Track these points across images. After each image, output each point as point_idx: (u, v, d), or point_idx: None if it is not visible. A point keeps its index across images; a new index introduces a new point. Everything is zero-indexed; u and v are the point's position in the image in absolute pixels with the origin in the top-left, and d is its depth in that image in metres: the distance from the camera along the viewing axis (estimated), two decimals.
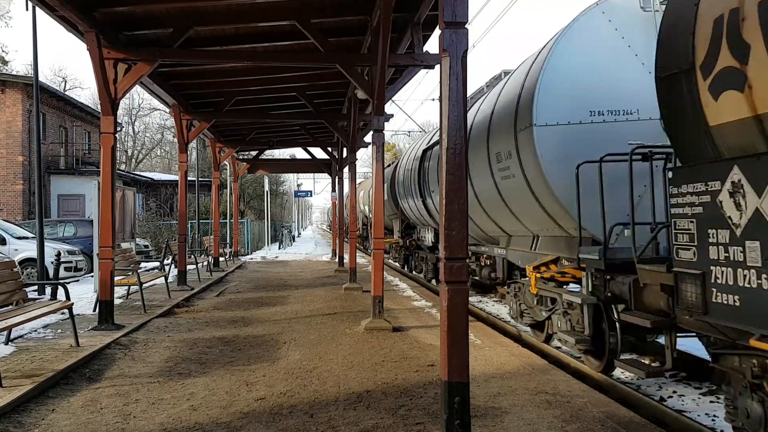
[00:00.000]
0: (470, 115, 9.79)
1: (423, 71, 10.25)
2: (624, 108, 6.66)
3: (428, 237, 15.21)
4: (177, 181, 18.87)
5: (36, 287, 12.26)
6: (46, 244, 12.70)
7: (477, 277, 11.95)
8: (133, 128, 54.25)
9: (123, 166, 45.03)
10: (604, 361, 6.60)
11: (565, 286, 7.67)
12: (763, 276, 3.61)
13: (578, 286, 7.44)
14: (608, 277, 6.29)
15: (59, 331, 8.13)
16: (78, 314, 8.72)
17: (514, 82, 8.09)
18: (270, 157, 33.36)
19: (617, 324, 6.12)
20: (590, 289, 6.60)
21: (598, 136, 6.58)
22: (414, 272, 18.81)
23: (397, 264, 21.84)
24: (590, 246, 6.56)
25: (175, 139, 17.90)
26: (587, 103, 6.69)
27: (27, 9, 11.36)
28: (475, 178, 9.23)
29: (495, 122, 8.30)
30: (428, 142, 14.30)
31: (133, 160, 52.22)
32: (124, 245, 12.82)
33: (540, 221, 7.66)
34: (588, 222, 6.40)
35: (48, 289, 11.79)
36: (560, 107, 6.70)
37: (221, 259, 19.70)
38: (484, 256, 11.10)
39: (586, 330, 6.62)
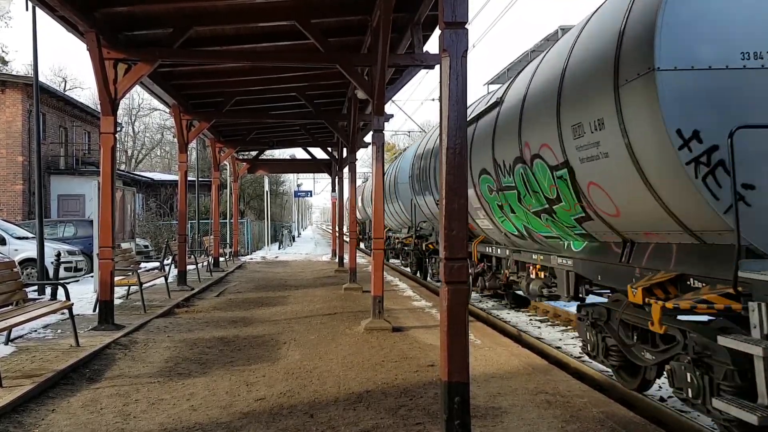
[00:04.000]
0: (518, 87, 8.00)
1: (423, 71, 10.25)
2: None
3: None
4: (177, 181, 18.86)
5: (36, 287, 12.25)
6: (46, 244, 12.70)
7: (522, 292, 9.86)
8: (133, 128, 54.28)
9: (123, 166, 45.01)
10: None
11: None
12: None
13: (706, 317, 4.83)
14: None
15: (59, 331, 8.13)
16: (78, 314, 8.71)
17: (607, 17, 5.63)
18: (270, 157, 33.34)
19: None
20: (766, 332, 4.02)
21: (754, 87, 4.42)
22: (430, 279, 16.17)
23: (408, 270, 19.16)
24: (755, 259, 4.28)
25: (175, 139, 17.89)
26: (737, 41, 4.46)
27: (27, 9, 11.35)
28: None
29: (571, 82, 5.93)
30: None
31: (133, 160, 52.21)
32: (124, 245, 12.81)
33: (647, 220, 5.33)
34: (747, 221, 4.21)
35: (48, 289, 11.78)
36: (698, 43, 4.45)
37: (221, 259, 19.70)
38: (537, 266, 8.53)
39: (761, 397, 3.97)
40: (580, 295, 7.27)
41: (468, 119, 8.10)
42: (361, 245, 32.58)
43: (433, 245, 14.90)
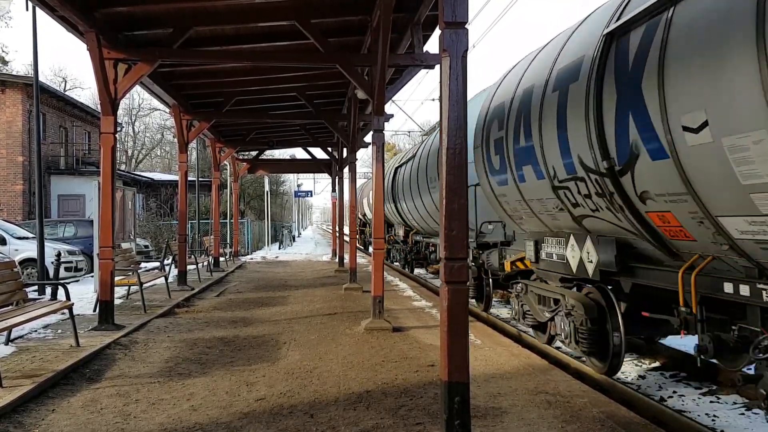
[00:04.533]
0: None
1: (423, 71, 10.25)
2: None
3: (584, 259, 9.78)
4: (177, 181, 18.87)
5: (36, 287, 12.26)
6: (46, 244, 12.70)
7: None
8: (133, 128, 54.30)
9: (123, 166, 45.03)
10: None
11: None
12: None
13: None
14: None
15: (59, 331, 8.13)
16: (78, 314, 8.71)
17: None
18: (270, 157, 33.36)
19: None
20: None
21: None
22: (519, 323, 15.27)
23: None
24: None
25: (175, 139, 17.90)
26: None
27: (27, 9, 11.36)
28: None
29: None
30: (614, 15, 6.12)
31: (133, 160, 52.23)
32: (124, 245, 12.82)
33: None
34: None
35: (48, 289, 11.79)
36: None
37: (221, 259, 19.70)
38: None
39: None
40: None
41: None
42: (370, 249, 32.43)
43: (520, 264, 8.62)
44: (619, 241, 5.84)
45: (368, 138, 17.71)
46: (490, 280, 10.75)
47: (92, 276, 12.81)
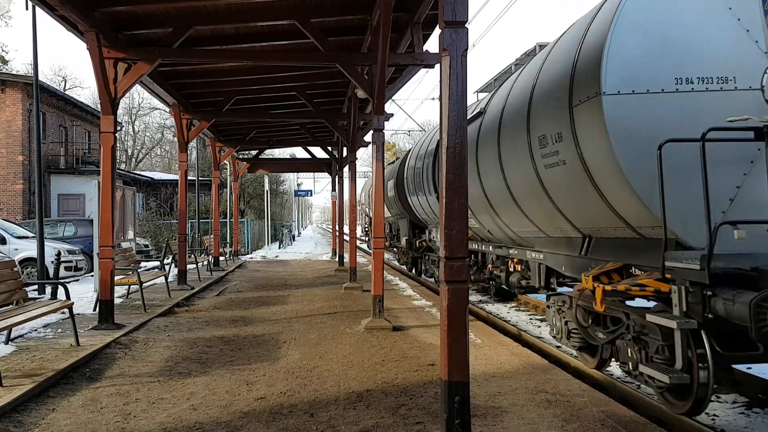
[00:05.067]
0: (498, 98, 8.85)
1: (423, 71, 10.28)
2: (717, 75, 5.16)
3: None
4: (177, 180, 18.87)
5: (36, 287, 12.27)
6: (46, 243, 12.70)
7: (503, 285, 10.40)
8: (133, 128, 54.29)
9: (123, 166, 45.03)
10: (690, 402, 5.03)
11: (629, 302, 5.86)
12: None
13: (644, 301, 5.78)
14: (710, 293, 4.72)
15: (59, 330, 8.13)
16: (78, 314, 8.72)
17: (565, 45, 6.52)
18: (270, 156, 33.36)
19: (709, 355, 4.82)
20: (684, 309, 4.93)
21: (684, 109, 5.16)
22: (424, 276, 17.03)
23: (404, 267, 19.98)
24: (678, 251, 5.02)
25: (175, 139, 17.90)
26: (672, 67, 5.18)
27: (27, 8, 11.37)
28: (507, 169, 7.91)
29: (538, 100, 6.88)
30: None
31: (133, 160, 52.22)
32: (124, 245, 12.82)
33: (598, 218, 6.15)
34: (674, 219, 4.95)
35: (48, 289, 11.80)
36: (637, 71, 5.22)
37: (221, 258, 19.70)
38: (515, 260, 9.39)
39: (677, 363, 4.95)
40: (552, 286, 8.00)
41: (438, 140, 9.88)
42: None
43: (425, 243, 13.18)
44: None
45: (368, 137, 17.72)
46: (421, 256, 17.58)
47: (92, 275, 12.81)
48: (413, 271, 18.28)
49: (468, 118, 8.22)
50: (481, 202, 9.50)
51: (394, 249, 22.69)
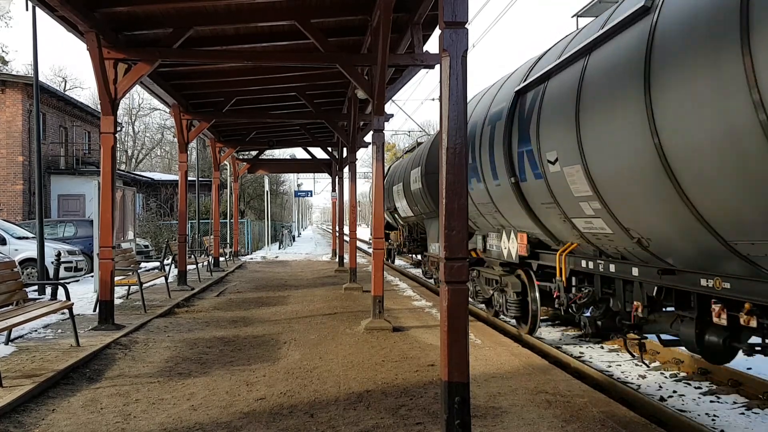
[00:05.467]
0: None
1: (423, 71, 10.25)
2: None
3: (511, 249, 8.81)
4: (177, 181, 18.87)
5: (36, 287, 12.27)
6: (46, 244, 12.71)
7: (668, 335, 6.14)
8: (133, 128, 54.30)
9: (123, 166, 45.05)
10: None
11: None
12: None
13: None
14: None
15: (59, 331, 8.13)
16: (78, 314, 8.72)
17: None
18: (270, 157, 33.38)
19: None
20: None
21: None
22: (482, 308, 11.10)
23: (431, 282, 15.21)
24: None
25: (175, 139, 17.91)
26: None
27: (27, 9, 11.37)
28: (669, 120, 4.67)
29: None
30: (524, 76, 7.96)
31: (133, 160, 52.23)
32: (124, 245, 12.82)
33: None
34: None
35: (48, 289, 11.79)
36: None
37: (221, 259, 19.71)
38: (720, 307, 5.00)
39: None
40: None
41: (515, 90, 7.84)
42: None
43: (473, 254, 10.18)
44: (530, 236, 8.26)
45: (368, 138, 17.72)
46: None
47: (92, 276, 12.81)
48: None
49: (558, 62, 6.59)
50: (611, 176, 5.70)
51: (415, 256, 19.68)
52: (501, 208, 8.80)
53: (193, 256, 15.45)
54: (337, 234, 21.16)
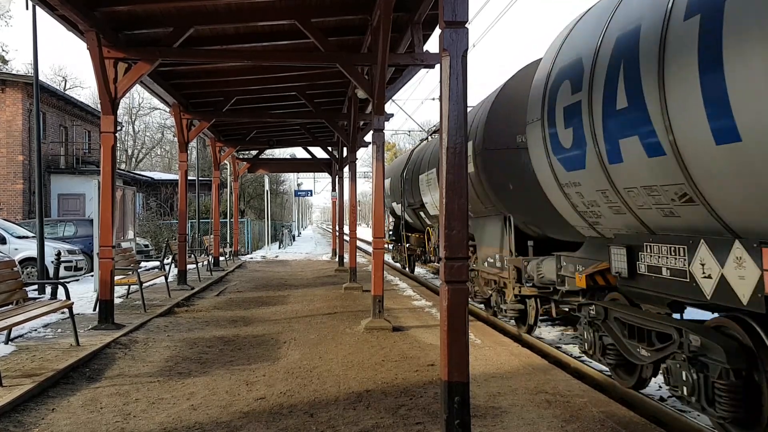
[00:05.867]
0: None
1: (423, 71, 10.26)
2: None
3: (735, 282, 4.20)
4: (177, 180, 18.87)
5: (36, 286, 12.26)
6: (46, 243, 12.70)
7: None
8: (133, 127, 54.29)
9: (123, 166, 45.03)
10: None
11: None
12: None
13: None
14: None
15: (59, 330, 8.13)
16: (78, 313, 8.71)
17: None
18: (270, 156, 33.36)
19: None
20: None
21: None
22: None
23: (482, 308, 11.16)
24: None
25: (175, 139, 17.92)
26: None
27: (27, 8, 11.36)
28: None
29: None
30: None
31: (133, 160, 52.22)
32: (124, 245, 12.82)
33: None
34: None
35: (48, 289, 11.79)
36: None
37: (221, 258, 19.71)
38: None
39: None
40: None
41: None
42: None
43: (600, 278, 6.07)
44: None
45: (368, 137, 17.72)
46: (536, 300, 8.45)
47: (92, 275, 12.81)
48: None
49: None
50: None
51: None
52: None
53: (193, 256, 15.44)
54: (337, 234, 21.15)
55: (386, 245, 19.50)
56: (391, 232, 21.20)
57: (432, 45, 24.83)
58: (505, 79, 9.59)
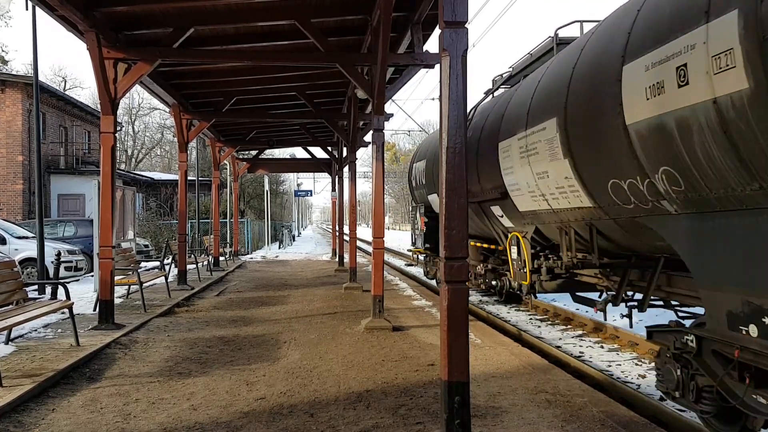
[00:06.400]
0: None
1: (423, 71, 10.26)
2: None
3: None
4: (177, 180, 18.88)
5: (36, 287, 12.26)
6: (46, 243, 12.70)
7: None
8: (133, 128, 54.29)
9: (123, 166, 45.01)
10: None
11: None
12: None
13: None
14: None
15: (59, 330, 8.13)
16: (78, 314, 8.71)
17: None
18: (270, 156, 33.36)
19: None
20: None
21: None
22: None
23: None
24: None
25: (175, 139, 17.90)
26: None
27: (27, 8, 11.36)
28: None
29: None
30: None
31: (133, 160, 52.22)
32: (124, 245, 12.82)
33: None
34: None
35: (48, 289, 11.79)
36: None
37: (221, 258, 19.70)
38: None
39: None
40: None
41: None
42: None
43: None
44: None
45: (368, 137, 17.72)
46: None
47: (92, 275, 12.81)
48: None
49: None
50: None
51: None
52: None
53: (193, 256, 15.44)
54: (337, 234, 21.15)
55: (417, 255, 15.16)
56: (422, 238, 13.88)
57: (432, 45, 24.83)
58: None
